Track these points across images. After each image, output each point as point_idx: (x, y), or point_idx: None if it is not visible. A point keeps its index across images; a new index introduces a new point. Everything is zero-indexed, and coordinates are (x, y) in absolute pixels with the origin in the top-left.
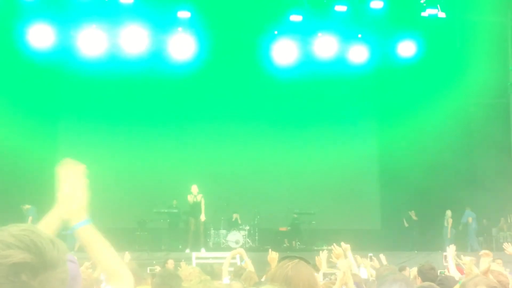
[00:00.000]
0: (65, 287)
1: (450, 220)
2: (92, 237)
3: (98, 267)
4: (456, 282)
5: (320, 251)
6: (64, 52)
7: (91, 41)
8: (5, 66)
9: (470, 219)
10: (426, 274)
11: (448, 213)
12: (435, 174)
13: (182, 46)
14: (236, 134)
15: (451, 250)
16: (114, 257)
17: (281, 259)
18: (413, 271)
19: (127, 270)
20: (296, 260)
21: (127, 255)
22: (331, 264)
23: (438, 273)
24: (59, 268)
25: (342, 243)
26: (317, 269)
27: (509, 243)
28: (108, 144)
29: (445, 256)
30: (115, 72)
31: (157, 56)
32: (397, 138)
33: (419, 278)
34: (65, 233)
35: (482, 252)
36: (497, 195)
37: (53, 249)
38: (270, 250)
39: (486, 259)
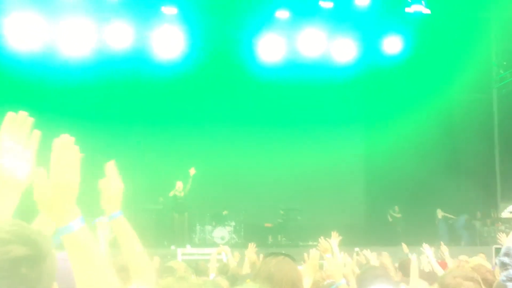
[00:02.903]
0: (55, 276)
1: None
2: (126, 229)
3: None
4: (437, 278)
5: (310, 249)
6: (46, 50)
7: (75, 38)
8: None
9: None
10: (408, 268)
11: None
12: (420, 170)
13: (168, 43)
14: (222, 132)
15: (428, 248)
16: (142, 252)
17: (266, 255)
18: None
19: (152, 268)
20: (281, 257)
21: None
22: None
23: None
24: (49, 258)
25: (333, 233)
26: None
27: (503, 233)
28: (92, 141)
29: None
30: (99, 70)
31: (142, 54)
32: (382, 135)
33: (400, 272)
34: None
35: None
36: (481, 189)
37: (44, 241)
38: (246, 253)
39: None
